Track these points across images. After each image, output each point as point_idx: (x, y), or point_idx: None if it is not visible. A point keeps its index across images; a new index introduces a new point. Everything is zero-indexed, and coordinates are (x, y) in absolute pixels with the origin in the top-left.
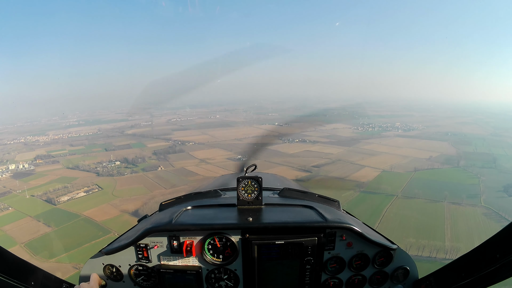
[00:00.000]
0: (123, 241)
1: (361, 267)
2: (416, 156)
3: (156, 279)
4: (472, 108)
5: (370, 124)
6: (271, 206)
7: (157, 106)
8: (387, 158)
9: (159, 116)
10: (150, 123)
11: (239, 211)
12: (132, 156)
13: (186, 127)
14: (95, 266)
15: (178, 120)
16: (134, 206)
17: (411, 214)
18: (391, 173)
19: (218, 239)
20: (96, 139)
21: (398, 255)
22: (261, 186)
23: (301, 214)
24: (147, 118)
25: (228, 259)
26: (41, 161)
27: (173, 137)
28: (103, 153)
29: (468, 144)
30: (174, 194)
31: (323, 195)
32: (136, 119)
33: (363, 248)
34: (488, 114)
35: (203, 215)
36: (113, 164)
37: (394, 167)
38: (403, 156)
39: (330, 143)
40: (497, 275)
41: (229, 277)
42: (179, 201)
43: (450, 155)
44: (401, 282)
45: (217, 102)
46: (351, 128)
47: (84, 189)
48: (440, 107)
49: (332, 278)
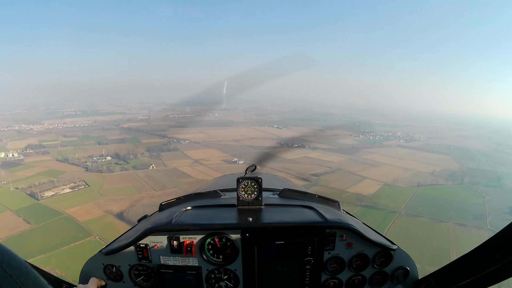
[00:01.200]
0: (123, 241)
1: (361, 267)
2: (418, 169)
3: (156, 279)
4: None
5: (371, 132)
6: (271, 207)
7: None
8: (389, 170)
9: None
10: (147, 117)
11: (239, 211)
12: (124, 152)
13: (183, 124)
14: (95, 266)
15: (176, 117)
16: (119, 208)
17: (415, 234)
18: (393, 187)
19: (218, 239)
20: (90, 131)
21: (398, 255)
22: (261, 187)
23: (301, 215)
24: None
25: (228, 259)
26: (31, 151)
27: (169, 133)
28: (95, 146)
29: (471, 160)
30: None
31: (323, 196)
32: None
33: (363, 248)
34: (490, 129)
35: (203, 215)
36: (103, 159)
37: (397, 180)
38: (405, 169)
39: (330, 150)
40: (497, 275)
41: (229, 277)
42: (179, 201)
43: (453, 171)
44: (401, 282)
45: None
46: (352, 135)
47: (70, 185)
48: (442, 118)
49: (332, 278)
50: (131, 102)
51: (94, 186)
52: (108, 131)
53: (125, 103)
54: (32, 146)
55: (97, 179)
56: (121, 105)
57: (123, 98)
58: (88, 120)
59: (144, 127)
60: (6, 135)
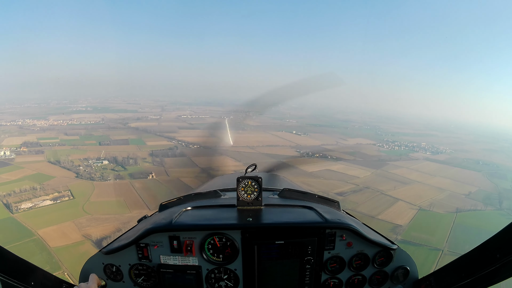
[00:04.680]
0: (123, 241)
1: (361, 267)
2: (453, 190)
3: (156, 279)
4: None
5: (395, 142)
6: (271, 207)
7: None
8: (421, 189)
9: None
10: (158, 117)
11: (239, 211)
12: (124, 155)
13: (194, 126)
14: (95, 266)
15: (189, 118)
16: (100, 232)
17: None
18: (430, 213)
19: (218, 239)
20: (95, 130)
21: (398, 255)
22: (261, 187)
23: (301, 215)
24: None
25: (228, 259)
26: (25, 149)
27: (178, 136)
28: (95, 147)
29: (503, 179)
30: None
31: (323, 196)
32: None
33: (363, 248)
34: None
35: (203, 215)
36: (100, 163)
37: (433, 204)
38: (439, 189)
39: (354, 162)
40: (497, 275)
41: (229, 276)
42: (179, 201)
43: (489, 192)
44: (401, 282)
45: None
46: (376, 145)
47: (53, 195)
48: (461, 128)
49: (332, 278)
50: (145, 100)
51: (80, 198)
52: (113, 130)
53: (139, 100)
54: (28, 144)
55: (85, 189)
56: (134, 102)
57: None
58: (96, 117)
59: (153, 128)
60: (7, 130)
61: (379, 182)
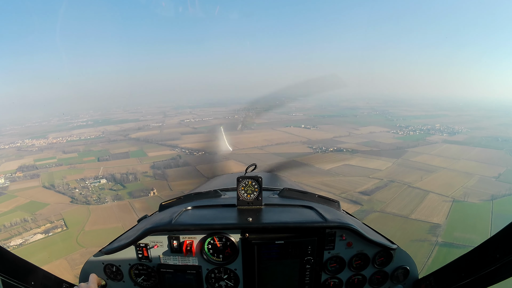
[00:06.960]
0: (123, 241)
1: (361, 267)
2: (481, 173)
3: (156, 279)
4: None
5: (409, 127)
6: (271, 207)
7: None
8: (449, 176)
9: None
10: (160, 124)
11: (239, 211)
12: (124, 171)
13: (198, 130)
14: (95, 266)
15: (192, 121)
16: None
17: None
18: (465, 205)
19: (218, 239)
20: (94, 144)
21: (398, 255)
22: (261, 186)
23: (301, 214)
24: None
25: (228, 259)
26: (21, 174)
27: (181, 143)
28: (93, 164)
29: None
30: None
31: (323, 196)
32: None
33: (363, 248)
34: None
35: (203, 215)
36: (97, 182)
37: (466, 194)
38: (467, 174)
39: (371, 152)
40: (497, 275)
41: (229, 276)
42: (179, 201)
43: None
44: (401, 282)
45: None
46: (390, 132)
47: (45, 227)
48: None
49: (332, 278)
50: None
51: (74, 228)
52: (114, 143)
53: (141, 108)
54: (24, 167)
55: (80, 216)
56: (136, 111)
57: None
58: (96, 131)
59: (155, 137)
60: (4, 154)
61: (403, 173)
